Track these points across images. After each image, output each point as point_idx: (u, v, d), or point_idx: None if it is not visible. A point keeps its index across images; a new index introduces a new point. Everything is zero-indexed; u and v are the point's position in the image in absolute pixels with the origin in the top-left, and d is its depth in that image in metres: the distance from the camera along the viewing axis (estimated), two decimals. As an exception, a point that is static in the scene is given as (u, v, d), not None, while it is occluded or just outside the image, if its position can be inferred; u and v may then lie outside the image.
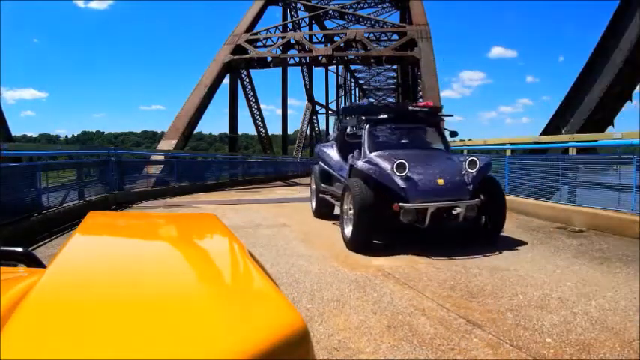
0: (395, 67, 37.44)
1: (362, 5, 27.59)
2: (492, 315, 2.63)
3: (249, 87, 23.21)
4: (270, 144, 25.76)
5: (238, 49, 20.99)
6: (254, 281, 0.68)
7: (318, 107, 38.97)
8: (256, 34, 21.99)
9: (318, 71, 38.05)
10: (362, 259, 4.03)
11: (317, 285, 3.26)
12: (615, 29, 12.01)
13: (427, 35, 19.98)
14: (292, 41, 21.68)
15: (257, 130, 24.99)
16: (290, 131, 35.02)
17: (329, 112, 39.51)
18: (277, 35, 22.33)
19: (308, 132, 37.28)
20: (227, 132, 22.97)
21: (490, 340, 2.28)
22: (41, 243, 4.81)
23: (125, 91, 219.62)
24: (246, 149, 45.77)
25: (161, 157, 13.76)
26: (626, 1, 11.84)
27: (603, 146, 7.15)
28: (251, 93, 23.45)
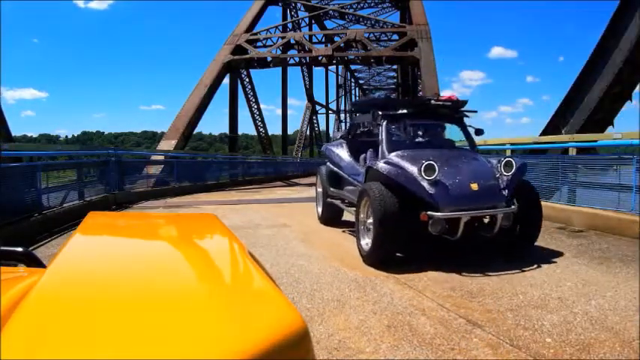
0: (395, 67, 37.46)
1: (362, 5, 27.62)
2: (492, 315, 2.63)
3: (249, 87, 23.22)
4: (270, 144, 25.76)
5: (238, 49, 20.99)
6: (254, 281, 0.68)
7: (318, 107, 39.05)
8: (256, 34, 22.00)
9: (318, 71, 38.18)
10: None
11: (317, 285, 3.26)
12: (615, 29, 12.01)
13: (427, 35, 19.99)
14: (292, 41, 21.68)
15: (257, 130, 24.99)
16: (290, 131, 35.09)
17: (329, 112, 39.56)
18: (277, 35, 22.33)
19: (308, 132, 37.33)
20: (227, 132, 22.99)
21: (490, 340, 2.28)
22: (41, 243, 4.81)
23: (125, 91, 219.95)
24: (246, 149, 45.76)
25: (161, 157, 13.77)
26: (626, 1, 11.84)
27: (603, 146, 7.15)
28: (251, 93, 23.47)
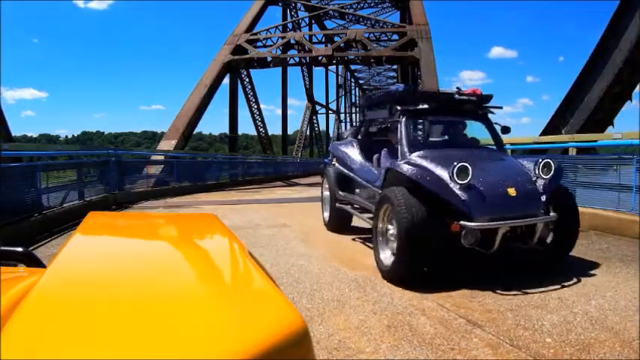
0: (395, 67, 37.44)
1: (362, 5, 27.61)
2: (492, 315, 2.63)
3: (249, 87, 23.23)
4: (270, 144, 25.76)
5: (238, 49, 20.99)
6: (254, 281, 0.68)
7: (318, 107, 39.04)
8: (256, 34, 21.99)
9: (318, 71, 38.15)
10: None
11: (317, 285, 3.26)
12: (615, 29, 12.03)
13: (427, 35, 19.98)
14: (292, 41, 21.68)
15: (257, 130, 24.99)
16: (290, 131, 35.09)
17: (329, 112, 39.57)
18: (277, 35, 22.33)
19: (308, 132, 37.33)
20: (227, 132, 22.99)
21: (490, 340, 2.28)
22: (41, 243, 4.81)
23: (125, 91, 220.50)
24: (246, 149, 45.77)
25: (161, 157, 13.76)
26: (626, 1, 11.85)
27: (603, 146, 7.16)
28: (251, 93, 23.47)
